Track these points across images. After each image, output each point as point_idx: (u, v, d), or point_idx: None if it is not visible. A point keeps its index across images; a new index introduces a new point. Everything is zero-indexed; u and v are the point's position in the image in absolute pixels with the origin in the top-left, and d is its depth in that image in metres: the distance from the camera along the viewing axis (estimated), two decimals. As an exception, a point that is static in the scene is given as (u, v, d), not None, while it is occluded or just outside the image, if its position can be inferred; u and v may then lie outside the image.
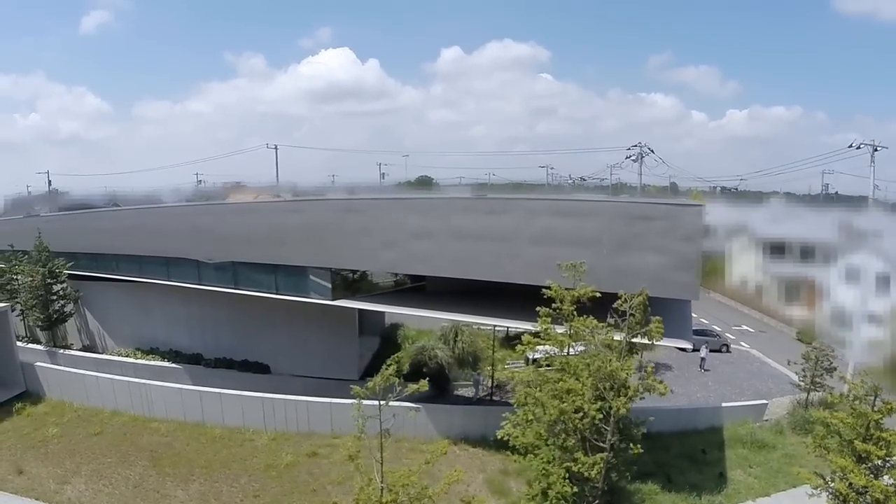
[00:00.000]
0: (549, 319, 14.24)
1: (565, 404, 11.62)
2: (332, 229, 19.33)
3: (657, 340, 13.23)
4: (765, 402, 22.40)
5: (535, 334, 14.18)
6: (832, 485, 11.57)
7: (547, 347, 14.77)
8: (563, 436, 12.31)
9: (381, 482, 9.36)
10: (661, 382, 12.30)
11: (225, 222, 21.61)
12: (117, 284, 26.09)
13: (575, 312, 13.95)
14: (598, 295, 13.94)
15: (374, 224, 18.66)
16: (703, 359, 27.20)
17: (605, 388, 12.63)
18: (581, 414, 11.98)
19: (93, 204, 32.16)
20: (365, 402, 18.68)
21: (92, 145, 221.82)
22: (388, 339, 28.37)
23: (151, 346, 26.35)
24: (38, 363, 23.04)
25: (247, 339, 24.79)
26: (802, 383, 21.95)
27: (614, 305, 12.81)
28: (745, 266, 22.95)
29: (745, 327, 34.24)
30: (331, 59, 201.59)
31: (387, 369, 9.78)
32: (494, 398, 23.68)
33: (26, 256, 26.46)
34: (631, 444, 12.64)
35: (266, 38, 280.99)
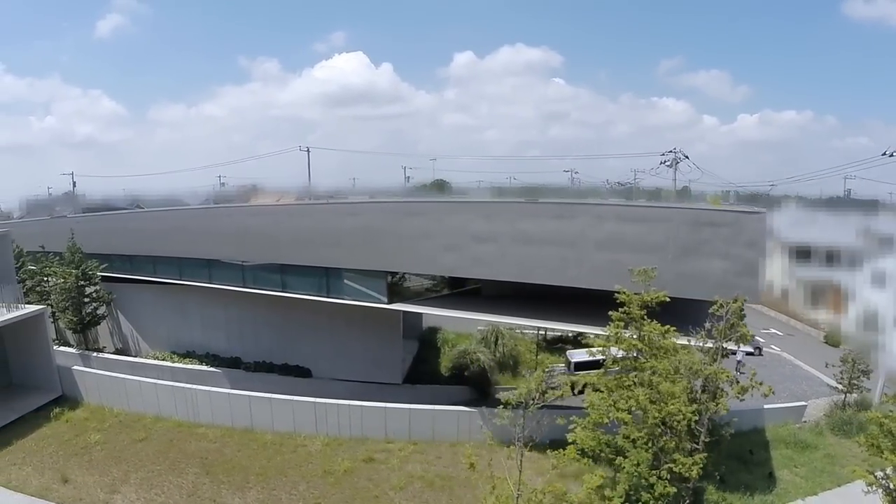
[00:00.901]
0: (623, 324, 14.38)
1: (671, 406, 11.70)
2: (390, 232, 19.24)
3: (746, 344, 13.41)
4: (804, 403, 22.71)
5: (606, 338, 14.31)
6: (886, 482, 11.80)
7: (593, 350, 15.23)
8: (664, 438, 12.45)
9: (518, 490, 9.24)
10: (762, 384, 12.53)
11: (275, 224, 21.41)
12: (152, 286, 25.72)
13: (645, 317, 14.09)
14: (667, 300, 14.11)
15: (436, 227, 18.60)
16: (739, 362, 27.41)
17: (699, 391, 12.78)
18: (681, 416, 12.08)
19: (116, 206, 31.64)
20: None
21: (107, 148, 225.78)
22: (426, 342, 28.32)
23: (188, 349, 26.04)
24: (75, 367, 22.62)
25: (287, 342, 24.57)
26: (840, 385, 22.27)
27: (710, 310, 12.93)
28: (771, 270, 23.23)
29: (773, 330, 34.71)
30: (345, 63, 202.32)
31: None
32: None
33: (57, 258, 25.93)
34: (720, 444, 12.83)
35: (280, 43, 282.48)
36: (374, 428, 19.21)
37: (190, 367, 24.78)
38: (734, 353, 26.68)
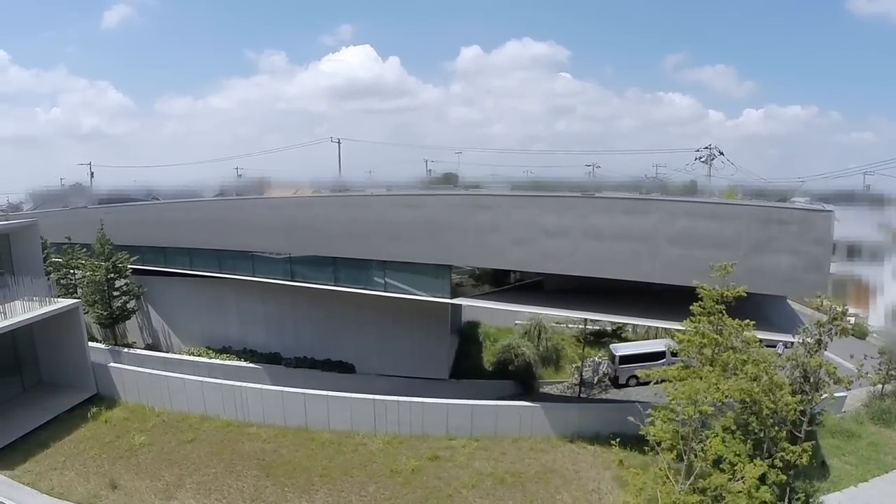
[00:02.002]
0: (705, 318, 14.50)
1: (786, 397, 11.97)
2: (455, 225, 19.01)
3: (845, 336, 13.81)
4: (844, 394, 23.25)
5: (686, 331, 14.38)
6: None
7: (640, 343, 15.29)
8: (775, 428, 12.88)
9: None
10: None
11: (327, 216, 20.96)
12: (186, 280, 25.01)
13: (723, 311, 14.27)
14: (744, 294, 14.33)
15: (504, 221, 18.44)
16: (779, 355, 27.98)
17: (801, 381, 13.10)
18: (791, 406, 12.38)
19: (131, 197, 30.58)
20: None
21: (114, 140, 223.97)
22: (467, 336, 28.06)
23: (223, 344, 25.40)
24: (111, 364, 21.88)
25: (330, 337, 24.16)
26: (878, 376, 22.93)
27: (815, 305, 13.18)
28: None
29: (799, 323, 35.37)
30: (352, 56, 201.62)
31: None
32: (582, 395, 23.67)
33: (84, 250, 24.93)
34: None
35: (287, 36, 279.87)
36: (435, 425, 18.90)
37: (228, 363, 24.17)
38: (774, 345, 27.48)
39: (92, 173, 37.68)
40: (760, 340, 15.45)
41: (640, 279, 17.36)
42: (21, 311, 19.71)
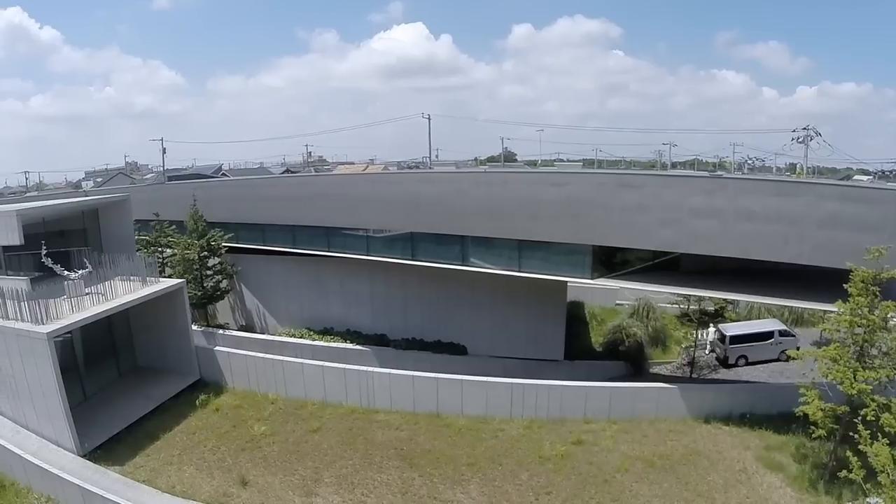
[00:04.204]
0: (867, 300, 15.18)
1: None
2: (599, 204, 19.40)
3: None
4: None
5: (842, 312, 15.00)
6: None
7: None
8: None
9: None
10: None
11: (457, 193, 21.06)
12: (284, 258, 24.73)
13: (877, 293, 14.98)
14: None
15: (652, 201, 18.90)
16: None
17: None
18: None
19: (202, 174, 29.65)
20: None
21: (167, 119, 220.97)
22: (573, 317, 28.38)
23: (325, 325, 25.14)
24: (217, 347, 21.55)
25: (440, 318, 24.40)
26: None
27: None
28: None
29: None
30: (404, 34, 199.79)
31: None
32: (692, 375, 24.44)
33: (173, 227, 24.11)
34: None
35: (337, 14, 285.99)
36: (572, 408, 19.09)
37: (334, 345, 24.11)
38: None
39: (164, 149, 36.14)
40: None
41: (788, 261, 18.05)
42: (122, 292, 19.05)
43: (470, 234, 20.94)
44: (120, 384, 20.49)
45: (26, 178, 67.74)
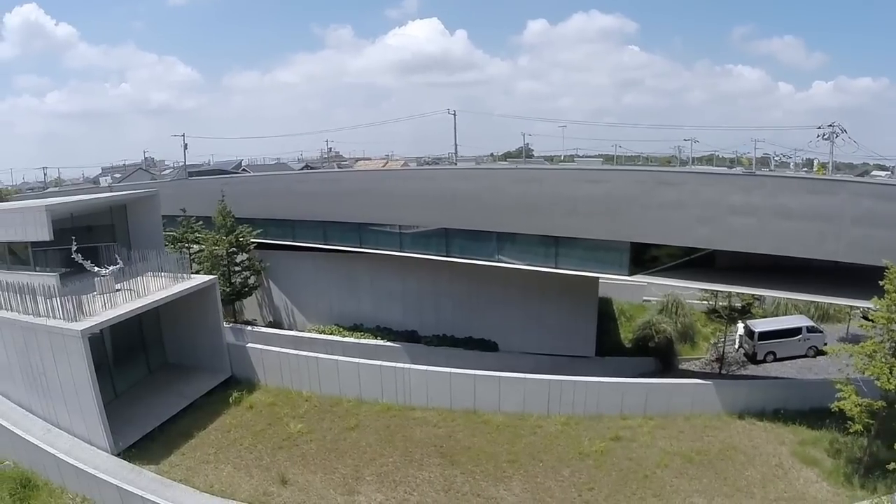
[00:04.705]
0: None
1: None
2: (636, 202, 19.57)
3: None
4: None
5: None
6: None
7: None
8: None
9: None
10: None
11: (492, 189, 21.27)
12: (314, 255, 24.84)
13: None
14: None
15: (690, 199, 19.12)
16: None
17: None
18: None
19: (223, 170, 29.57)
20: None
21: (182, 115, 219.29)
22: (602, 313, 28.42)
23: (355, 322, 25.20)
24: (250, 344, 21.53)
25: (471, 314, 24.61)
26: None
27: None
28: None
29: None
30: (418, 29, 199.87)
31: None
32: (722, 371, 24.66)
33: (200, 222, 24.06)
34: None
35: (352, 9, 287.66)
36: (609, 405, 19.29)
37: (364, 341, 24.28)
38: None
39: (185, 144, 35.77)
40: None
41: (823, 258, 18.31)
42: (155, 289, 19.00)
43: (505, 231, 21.16)
44: (150, 381, 20.40)
45: (45, 174, 68.22)
